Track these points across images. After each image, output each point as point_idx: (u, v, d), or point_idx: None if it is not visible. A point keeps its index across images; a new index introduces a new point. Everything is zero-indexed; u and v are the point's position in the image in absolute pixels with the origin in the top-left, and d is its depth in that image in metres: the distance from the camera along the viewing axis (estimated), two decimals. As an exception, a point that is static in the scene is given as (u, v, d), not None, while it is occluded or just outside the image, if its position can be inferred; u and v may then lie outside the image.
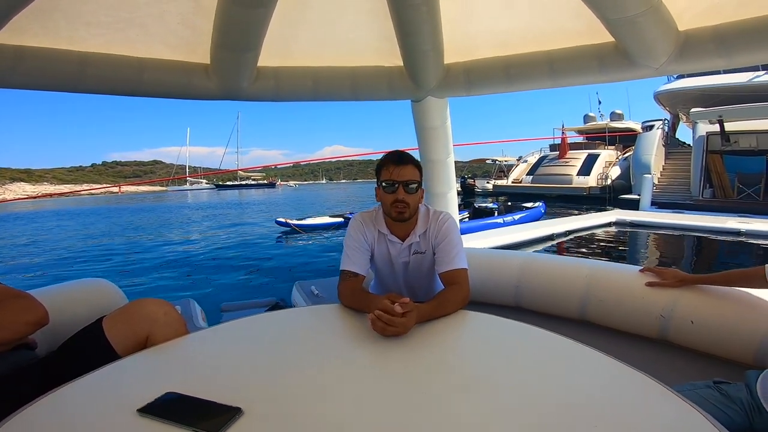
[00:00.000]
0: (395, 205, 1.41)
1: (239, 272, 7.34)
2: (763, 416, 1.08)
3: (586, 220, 8.50)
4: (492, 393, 0.85)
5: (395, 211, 1.42)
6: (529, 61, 2.15)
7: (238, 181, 79.46)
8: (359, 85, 2.33)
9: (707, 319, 1.45)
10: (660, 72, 1.90)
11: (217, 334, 1.21)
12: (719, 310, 1.44)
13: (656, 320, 1.55)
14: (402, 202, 1.40)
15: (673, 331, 1.53)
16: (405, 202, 1.40)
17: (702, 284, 1.49)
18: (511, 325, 1.18)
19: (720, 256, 7.10)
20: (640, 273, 1.65)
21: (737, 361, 1.40)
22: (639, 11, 1.57)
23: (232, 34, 1.80)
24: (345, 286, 1.41)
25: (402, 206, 1.41)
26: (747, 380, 1.16)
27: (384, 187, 1.42)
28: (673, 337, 1.54)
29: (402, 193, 1.40)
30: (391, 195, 1.41)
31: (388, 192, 1.41)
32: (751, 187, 13.05)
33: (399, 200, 1.40)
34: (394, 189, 1.40)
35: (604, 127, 27.01)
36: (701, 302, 1.47)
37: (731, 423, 1.11)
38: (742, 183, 13.27)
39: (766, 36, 1.60)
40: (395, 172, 1.40)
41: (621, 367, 0.91)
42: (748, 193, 13.02)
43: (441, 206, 2.70)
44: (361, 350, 1.06)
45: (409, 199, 1.41)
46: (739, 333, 1.39)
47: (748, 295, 1.40)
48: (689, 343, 1.52)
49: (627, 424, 0.73)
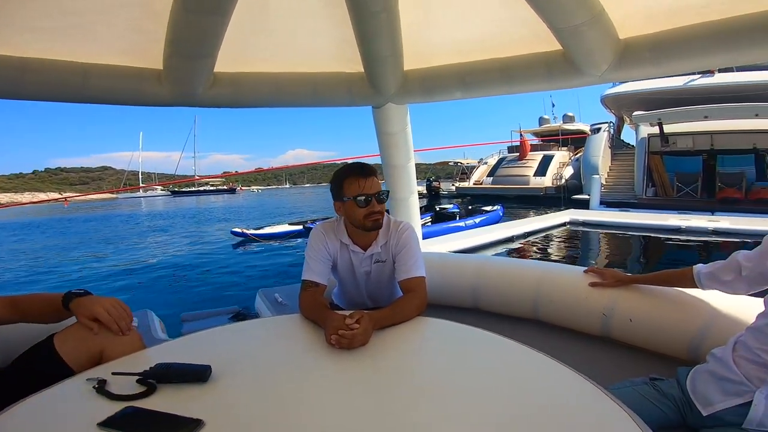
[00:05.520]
0: (370, 217, 1.43)
1: (199, 281, 7.09)
2: (694, 412, 1.14)
3: (542, 221, 8.88)
4: (443, 397, 0.89)
5: (371, 222, 1.44)
6: (484, 68, 2.20)
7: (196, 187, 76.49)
8: (319, 91, 2.33)
9: (644, 317, 1.54)
10: (602, 80, 1.95)
11: (177, 348, 1.18)
12: (655, 308, 1.53)
13: (599, 318, 1.65)
14: (377, 213, 1.43)
15: (615, 329, 1.63)
16: (380, 212, 1.44)
17: (638, 284, 1.59)
18: (465, 330, 1.22)
19: (663, 252, 7.64)
20: (584, 274, 1.75)
21: (673, 356, 1.50)
22: (583, 20, 1.62)
23: (187, 41, 1.75)
24: (305, 296, 1.43)
25: (377, 216, 1.44)
26: (678, 377, 1.23)
27: (357, 202, 1.42)
28: (615, 334, 1.64)
29: (377, 205, 1.43)
30: (365, 208, 1.42)
31: (362, 206, 1.42)
32: (689, 186, 14.15)
33: (375, 212, 1.42)
34: (369, 201, 1.42)
35: (558, 130, 28.36)
36: (639, 301, 1.57)
37: (665, 418, 1.17)
38: (681, 182, 14.35)
39: (699, 44, 1.65)
40: (366, 184, 1.42)
41: (563, 369, 0.96)
42: (687, 191, 14.11)
43: (403, 210, 2.75)
44: (323, 359, 1.08)
45: (383, 208, 1.45)
46: (673, 330, 1.48)
47: (681, 293, 1.50)
48: (629, 339, 1.61)
49: (564, 425, 0.78)
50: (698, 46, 1.63)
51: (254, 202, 39.53)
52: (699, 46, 1.63)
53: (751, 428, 1.05)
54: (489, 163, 25.75)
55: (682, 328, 1.46)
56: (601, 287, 1.66)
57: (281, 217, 19.44)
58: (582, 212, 10.20)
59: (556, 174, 21.15)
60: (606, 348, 1.69)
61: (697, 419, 1.14)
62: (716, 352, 1.18)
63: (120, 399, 0.87)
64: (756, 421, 1.04)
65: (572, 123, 30.22)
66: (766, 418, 1.03)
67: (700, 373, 1.18)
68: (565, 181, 20.15)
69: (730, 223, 7.47)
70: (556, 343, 1.79)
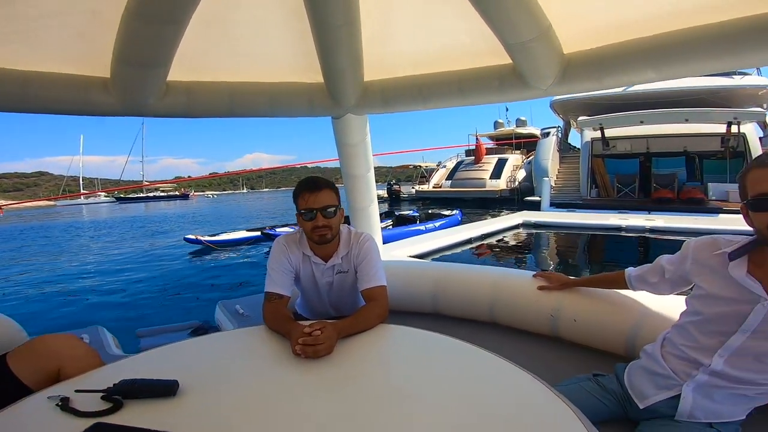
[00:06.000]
0: (316, 231, 1.47)
1: (152, 294, 6.73)
2: (633, 405, 1.22)
3: (497, 223, 9.23)
4: (404, 402, 0.94)
5: (317, 236, 1.48)
6: (441, 80, 2.25)
7: (144, 193, 72.37)
8: (278, 101, 2.32)
9: (586, 317, 1.66)
10: (547, 93, 1.99)
11: (140, 363, 1.17)
12: (595, 308, 1.65)
13: (548, 320, 1.76)
14: (322, 227, 1.46)
15: (562, 329, 1.74)
16: (326, 226, 1.46)
17: (580, 286, 1.72)
18: (424, 336, 1.28)
19: (607, 250, 8.20)
20: (533, 278, 1.86)
21: (612, 352, 1.61)
22: (532, 36, 1.67)
23: (139, 50, 1.70)
24: (268, 307, 1.44)
25: (323, 230, 1.47)
26: (617, 372, 1.33)
27: (303, 215, 1.47)
28: (562, 333, 1.75)
29: (321, 220, 1.46)
30: (310, 222, 1.46)
31: (307, 220, 1.47)
32: (628, 187, 15.27)
33: (319, 226, 1.46)
34: (313, 216, 1.46)
35: (511, 133, 29.60)
36: (581, 302, 1.69)
37: (609, 412, 1.25)
38: (621, 183, 15.46)
39: (633, 59, 1.70)
40: (311, 199, 1.46)
41: (515, 370, 1.03)
42: (626, 192, 15.22)
43: (363, 219, 2.78)
44: (290, 370, 1.10)
45: (329, 222, 1.47)
46: (611, 328, 1.60)
47: (616, 294, 1.63)
48: (575, 338, 1.73)
49: (515, 423, 0.84)
50: (632, 61, 1.70)
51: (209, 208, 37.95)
52: (633, 61, 1.70)
53: (683, 420, 1.12)
54: (447, 167, 26.41)
55: (618, 327, 1.58)
56: (548, 290, 1.78)
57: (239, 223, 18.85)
58: (534, 213, 10.71)
59: (510, 177, 22.06)
60: (555, 347, 1.80)
61: (636, 412, 1.21)
62: (647, 348, 1.28)
63: (87, 416, 0.86)
64: (686, 413, 1.12)
65: (525, 127, 31.67)
66: (695, 410, 1.11)
67: (635, 369, 1.27)
68: (519, 183, 21.06)
69: (664, 221, 8.14)
70: (511, 343, 1.90)
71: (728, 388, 1.08)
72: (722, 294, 1.09)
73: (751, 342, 1.04)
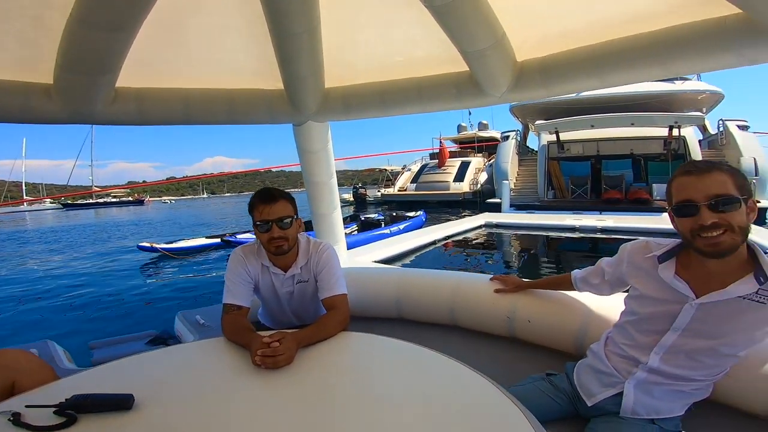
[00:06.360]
0: (272, 242, 1.46)
1: (106, 305, 6.37)
2: (582, 403, 1.26)
3: (460, 224, 9.45)
4: (364, 408, 0.96)
5: (273, 247, 1.48)
6: (401, 87, 2.26)
7: (94, 199, 68.19)
8: (236, 108, 2.27)
9: (540, 318, 1.73)
10: (501, 100, 2.03)
11: (95, 377, 1.13)
12: (547, 309, 1.72)
13: (504, 321, 1.82)
14: (278, 238, 1.46)
15: (518, 330, 1.80)
16: (282, 237, 1.46)
17: (533, 288, 1.79)
18: (385, 342, 1.30)
19: (563, 249, 8.60)
20: (490, 281, 1.92)
21: (564, 351, 1.68)
22: (488, 44, 1.71)
23: (84, 57, 1.62)
24: (227, 319, 1.42)
25: (279, 242, 1.47)
26: (567, 371, 1.38)
27: (258, 227, 1.47)
28: (518, 334, 1.81)
29: (277, 231, 1.45)
30: (266, 234, 1.46)
31: (263, 231, 1.46)
32: (581, 188, 16.07)
33: (275, 238, 1.45)
34: (269, 227, 1.45)
35: (474, 137, 30.37)
36: (534, 304, 1.76)
37: (561, 411, 1.30)
38: (574, 184, 16.25)
39: (579, 66, 1.73)
40: (266, 211, 1.45)
41: (470, 373, 1.07)
42: (579, 193, 16.00)
43: (326, 226, 2.78)
44: (250, 381, 1.09)
45: (285, 234, 1.47)
46: (561, 328, 1.67)
47: (565, 295, 1.71)
48: (530, 338, 1.79)
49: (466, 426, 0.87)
50: (577, 69, 1.74)
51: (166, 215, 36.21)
52: (577, 69, 1.74)
53: (627, 416, 1.16)
54: (412, 170, 26.71)
55: (567, 327, 1.65)
56: (504, 293, 1.84)
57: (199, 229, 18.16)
58: (495, 215, 11.05)
59: (473, 179, 22.65)
60: (513, 347, 1.87)
61: (585, 410, 1.25)
62: (593, 347, 1.34)
63: (40, 431, 0.85)
64: (629, 409, 1.16)
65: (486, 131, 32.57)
66: (636, 407, 1.15)
67: (583, 367, 1.32)
68: (481, 186, 21.66)
69: (614, 221, 8.64)
70: (472, 346, 1.96)
71: (666, 384, 1.13)
72: (654, 295, 1.14)
73: (682, 340, 1.09)
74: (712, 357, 1.08)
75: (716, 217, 0.97)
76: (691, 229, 1.01)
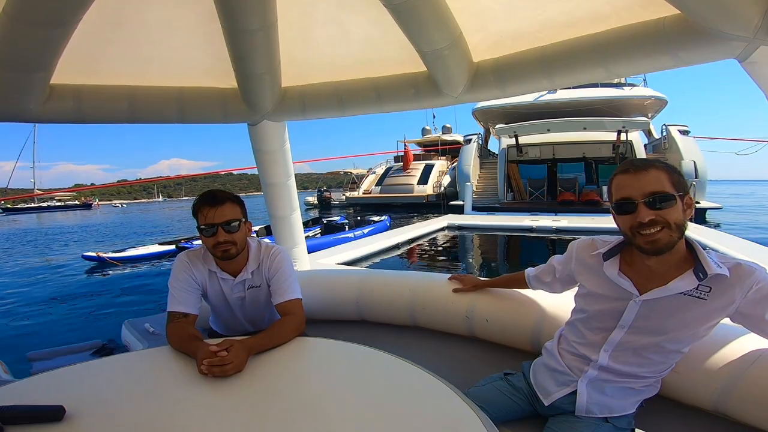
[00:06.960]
0: (218, 247, 1.40)
1: (48, 315, 5.94)
2: (539, 402, 1.25)
3: (424, 227, 9.55)
4: (316, 415, 0.93)
5: (219, 252, 1.41)
6: (359, 87, 2.22)
7: (36, 203, 63.36)
8: (187, 107, 2.17)
9: (496, 317, 1.75)
10: (458, 101, 2.02)
11: (26, 388, 1.07)
12: (502, 308, 1.74)
13: (463, 321, 1.82)
14: (224, 243, 1.39)
15: (476, 329, 1.81)
16: (228, 242, 1.40)
17: (489, 287, 1.80)
18: (340, 346, 1.28)
19: (521, 249, 8.90)
20: (449, 281, 1.93)
21: (521, 350, 1.70)
22: (445, 44, 1.70)
23: (15, 53, 1.49)
24: (172, 328, 1.35)
25: (225, 246, 1.40)
26: (523, 370, 1.37)
27: (203, 231, 1.39)
28: (477, 333, 1.83)
29: (223, 235, 1.39)
30: (212, 238, 1.39)
31: (208, 236, 1.39)
32: (538, 190, 16.73)
33: (220, 242, 1.39)
34: (214, 231, 1.39)
35: (437, 140, 30.85)
36: (491, 303, 1.77)
37: (520, 410, 1.29)
38: (532, 187, 16.90)
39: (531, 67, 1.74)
40: (210, 214, 1.39)
41: (426, 376, 1.06)
42: (536, 195, 16.65)
43: (285, 228, 2.71)
44: (197, 390, 1.05)
45: (232, 238, 1.41)
46: (517, 326, 1.69)
47: (520, 294, 1.73)
48: (488, 337, 1.81)
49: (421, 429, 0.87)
50: (528, 70, 1.75)
51: (116, 220, 34.10)
52: (529, 70, 1.75)
53: (582, 415, 1.15)
54: (377, 173, 26.77)
55: (523, 325, 1.67)
56: (462, 292, 1.85)
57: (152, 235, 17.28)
58: (457, 217, 11.27)
59: (437, 182, 23.00)
60: (472, 347, 1.87)
61: (543, 409, 1.24)
62: (547, 345, 1.34)
63: None
64: (583, 408, 1.15)
65: (450, 134, 33.17)
66: (590, 405, 1.14)
67: (538, 366, 1.32)
68: (444, 188, 22.02)
69: (568, 222, 9.07)
70: (432, 346, 1.95)
71: (616, 382, 1.14)
72: (601, 292, 1.15)
73: (629, 337, 1.10)
74: (658, 353, 1.10)
75: (653, 215, 0.98)
76: (630, 227, 1.03)
